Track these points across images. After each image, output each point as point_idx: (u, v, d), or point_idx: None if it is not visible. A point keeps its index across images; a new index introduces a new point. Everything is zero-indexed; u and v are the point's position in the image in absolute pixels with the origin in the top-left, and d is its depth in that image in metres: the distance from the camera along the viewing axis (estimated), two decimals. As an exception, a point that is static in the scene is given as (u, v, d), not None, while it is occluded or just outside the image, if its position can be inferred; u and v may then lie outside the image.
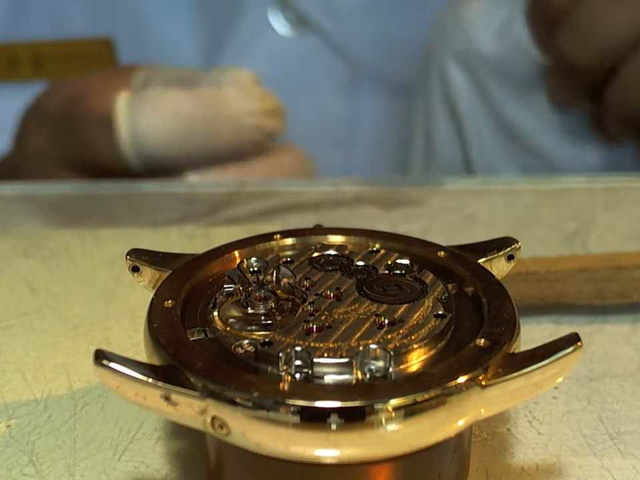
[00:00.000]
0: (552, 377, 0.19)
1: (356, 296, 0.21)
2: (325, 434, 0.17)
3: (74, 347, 0.28)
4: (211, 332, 0.20)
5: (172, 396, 0.18)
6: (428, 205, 0.40)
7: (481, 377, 0.18)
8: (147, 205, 0.40)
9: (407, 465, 0.19)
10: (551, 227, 0.37)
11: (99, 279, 0.32)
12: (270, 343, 0.19)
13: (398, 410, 0.17)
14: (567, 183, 0.42)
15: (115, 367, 0.18)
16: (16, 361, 0.27)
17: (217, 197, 0.41)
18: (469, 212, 0.39)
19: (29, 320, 0.29)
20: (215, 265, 0.23)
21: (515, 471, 0.22)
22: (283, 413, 0.17)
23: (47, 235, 0.36)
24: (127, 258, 0.23)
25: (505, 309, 0.20)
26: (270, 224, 0.37)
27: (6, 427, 0.24)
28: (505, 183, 0.42)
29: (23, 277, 0.32)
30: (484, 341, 0.19)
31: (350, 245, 0.24)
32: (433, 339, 0.19)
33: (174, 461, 0.22)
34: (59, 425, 0.24)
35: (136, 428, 0.24)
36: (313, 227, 0.25)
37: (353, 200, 0.40)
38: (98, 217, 0.39)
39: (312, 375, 0.18)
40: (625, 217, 0.38)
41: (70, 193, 0.41)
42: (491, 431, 0.23)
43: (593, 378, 0.26)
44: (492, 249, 0.23)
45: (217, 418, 0.18)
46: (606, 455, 0.23)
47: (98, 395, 0.25)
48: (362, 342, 0.19)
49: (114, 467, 0.22)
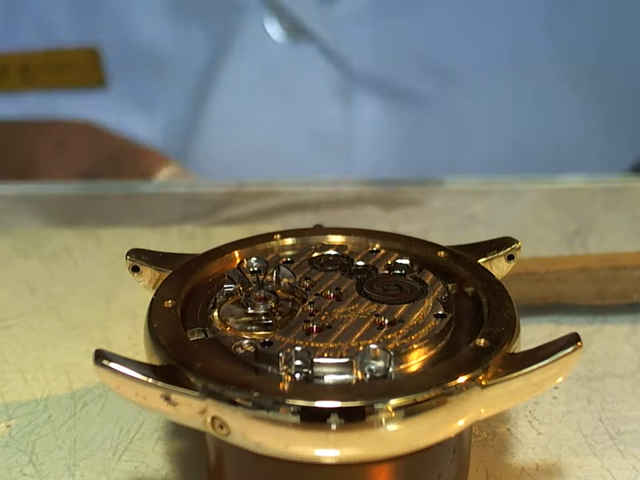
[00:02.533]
0: (552, 376, 0.19)
1: (356, 296, 0.21)
2: (325, 434, 0.17)
3: (74, 347, 0.28)
4: (211, 332, 0.20)
5: (172, 396, 0.18)
6: (428, 205, 0.40)
7: (481, 377, 0.18)
8: (147, 205, 0.40)
9: (407, 464, 0.19)
10: (551, 227, 0.37)
11: (99, 279, 0.32)
12: (270, 343, 0.19)
13: (398, 410, 0.17)
14: (567, 183, 0.42)
15: (115, 367, 0.18)
16: (16, 361, 0.27)
17: (217, 197, 0.41)
18: (469, 212, 0.39)
19: (29, 320, 0.29)
20: (215, 265, 0.23)
21: (514, 471, 0.22)
22: (283, 412, 0.17)
23: (47, 234, 0.36)
24: (127, 258, 0.23)
25: (505, 309, 0.20)
26: (270, 224, 0.37)
27: (6, 427, 0.24)
28: (505, 183, 0.42)
29: (23, 277, 0.32)
30: (484, 340, 0.19)
31: (350, 245, 0.24)
32: (432, 339, 0.19)
33: (174, 460, 0.22)
34: (58, 425, 0.24)
35: (136, 428, 0.24)
36: (313, 227, 0.25)
37: (353, 200, 0.40)
38: (98, 217, 0.39)
39: (312, 375, 0.18)
40: (625, 216, 0.38)
41: (70, 193, 0.41)
42: (491, 431, 0.23)
43: (593, 378, 0.26)
44: (492, 249, 0.23)
45: (216, 418, 0.18)
46: (606, 455, 0.23)
47: (98, 395, 0.25)
48: (362, 342, 0.19)
49: (114, 467, 0.22)
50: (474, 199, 0.40)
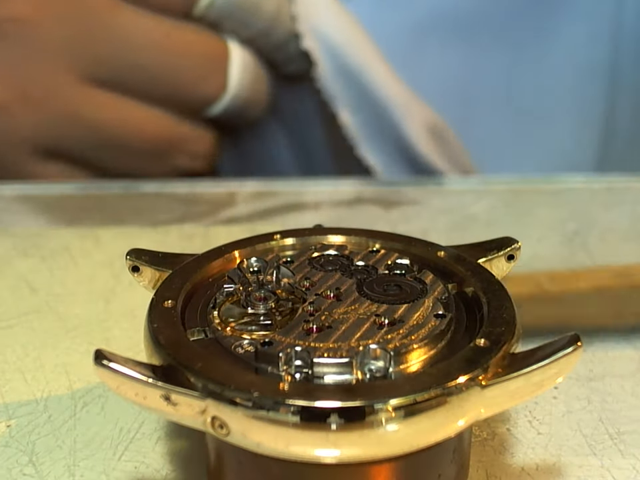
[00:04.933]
0: (552, 376, 0.19)
1: (356, 296, 0.21)
2: (324, 434, 0.17)
3: (74, 347, 0.28)
4: (211, 332, 0.20)
5: (172, 396, 0.18)
6: (428, 205, 0.40)
7: (480, 377, 0.18)
8: (147, 205, 0.40)
9: (407, 464, 0.19)
10: (551, 227, 0.37)
11: (98, 279, 0.32)
12: (270, 343, 0.19)
13: (398, 410, 0.17)
14: (567, 183, 0.42)
15: (115, 367, 0.18)
16: (16, 361, 0.27)
17: (217, 197, 0.41)
18: (468, 212, 0.39)
19: (29, 320, 0.29)
20: (215, 265, 0.23)
21: (514, 471, 0.22)
22: (283, 413, 0.17)
23: (47, 234, 0.36)
24: (127, 258, 0.23)
25: (505, 309, 0.20)
26: (270, 224, 0.37)
27: (6, 427, 0.24)
28: (505, 183, 0.42)
29: (23, 276, 0.32)
30: (484, 341, 0.19)
31: (350, 245, 0.24)
32: (432, 339, 0.19)
33: (174, 460, 0.22)
34: (58, 425, 0.24)
35: (136, 428, 0.24)
36: (313, 227, 0.25)
37: (353, 200, 0.40)
38: (98, 216, 0.39)
39: (312, 375, 0.18)
40: (625, 217, 0.38)
41: (70, 193, 0.41)
42: (491, 431, 0.23)
43: (593, 378, 0.26)
44: (492, 249, 0.23)
45: (216, 418, 0.18)
46: (606, 455, 0.23)
47: (98, 395, 0.25)
48: (362, 342, 0.19)
49: (114, 467, 0.22)
50: (474, 198, 0.40)
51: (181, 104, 0.45)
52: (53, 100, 0.43)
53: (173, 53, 0.44)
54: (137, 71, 0.44)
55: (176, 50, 0.44)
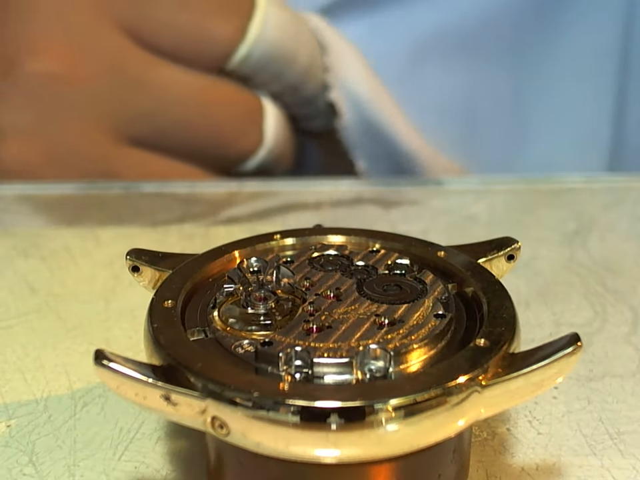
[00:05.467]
0: (552, 376, 0.19)
1: (356, 296, 0.21)
2: (324, 434, 0.17)
3: (74, 347, 0.28)
4: (210, 332, 0.20)
5: (172, 396, 0.18)
6: (428, 205, 0.40)
7: (480, 377, 0.18)
8: (147, 205, 0.40)
9: (407, 464, 0.19)
10: (551, 227, 0.37)
11: (98, 279, 0.32)
12: (270, 343, 0.19)
13: (398, 410, 0.17)
14: (567, 183, 0.42)
15: (115, 367, 0.18)
16: (16, 361, 0.27)
17: (217, 197, 0.40)
18: (469, 212, 0.39)
19: (29, 320, 0.29)
20: (215, 265, 0.23)
21: (514, 471, 0.22)
22: (283, 412, 0.17)
23: (47, 234, 0.36)
24: (127, 258, 0.23)
25: (505, 309, 0.20)
26: (270, 224, 0.37)
27: (6, 427, 0.24)
28: (505, 183, 0.42)
29: (23, 276, 0.32)
30: (484, 341, 0.19)
31: (350, 245, 0.24)
32: (432, 339, 0.19)
33: (174, 460, 0.22)
34: (58, 425, 0.24)
35: (136, 428, 0.24)
36: (313, 227, 0.25)
37: (353, 200, 0.40)
38: (98, 217, 0.39)
39: (312, 375, 0.18)
40: (625, 217, 0.38)
41: (70, 193, 0.41)
42: (491, 431, 0.23)
43: (593, 378, 0.26)
44: (492, 249, 0.23)
45: (216, 418, 0.18)
46: (606, 454, 0.23)
47: (98, 395, 0.25)
48: (362, 342, 0.19)
49: (114, 467, 0.22)
50: (474, 198, 0.40)
51: (219, 160, 0.44)
52: (82, 160, 0.42)
53: (212, 108, 0.43)
54: (176, 127, 0.42)
55: (214, 105, 0.43)
